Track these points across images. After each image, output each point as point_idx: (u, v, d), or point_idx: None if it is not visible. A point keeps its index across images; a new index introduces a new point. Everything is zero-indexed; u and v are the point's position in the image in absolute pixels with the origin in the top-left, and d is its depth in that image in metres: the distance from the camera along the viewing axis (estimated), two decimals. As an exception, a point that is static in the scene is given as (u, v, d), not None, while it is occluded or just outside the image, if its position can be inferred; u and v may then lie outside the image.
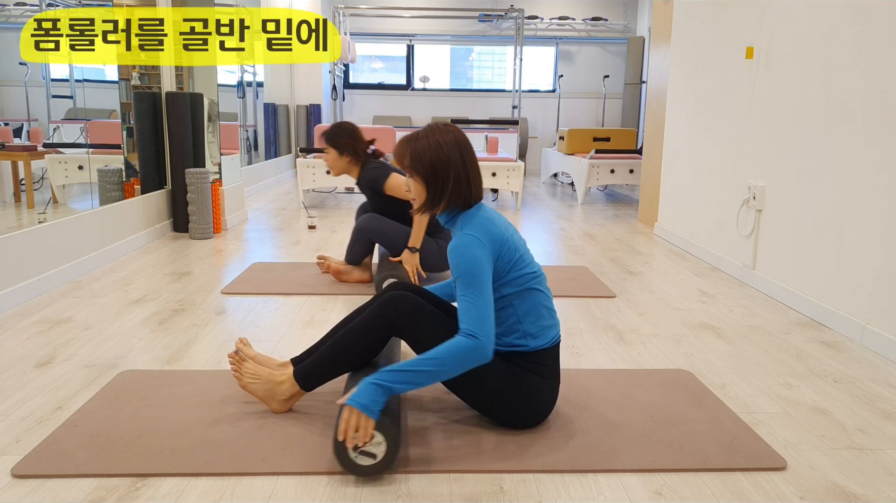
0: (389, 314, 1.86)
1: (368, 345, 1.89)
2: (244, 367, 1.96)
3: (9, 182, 3.52)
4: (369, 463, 1.64)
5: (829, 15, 3.04)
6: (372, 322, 1.87)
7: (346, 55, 8.38)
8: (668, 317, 3.06)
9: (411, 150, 1.84)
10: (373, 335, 1.88)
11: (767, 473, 1.73)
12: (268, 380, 1.95)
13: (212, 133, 4.79)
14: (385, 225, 3.39)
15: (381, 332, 1.87)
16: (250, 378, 1.95)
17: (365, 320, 1.88)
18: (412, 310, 1.85)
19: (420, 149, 1.83)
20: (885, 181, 2.66)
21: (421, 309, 1.85)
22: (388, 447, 1.63)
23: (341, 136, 3.35)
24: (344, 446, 1.62)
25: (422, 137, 1.85)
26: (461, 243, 1.77)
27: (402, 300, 1.86)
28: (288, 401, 1.95)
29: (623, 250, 4.52)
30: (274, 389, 1.94)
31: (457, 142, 1.84)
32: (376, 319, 1.87)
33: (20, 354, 2.42)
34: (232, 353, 2.00)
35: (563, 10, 9.56)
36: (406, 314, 1.84)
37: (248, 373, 1.95)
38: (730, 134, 3.97)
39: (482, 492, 1.62)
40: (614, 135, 7.29)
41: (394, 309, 1.86)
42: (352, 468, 1.64)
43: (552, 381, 1.91)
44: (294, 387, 1.93)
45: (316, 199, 6.65)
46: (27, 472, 1.65)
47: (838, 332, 2.88)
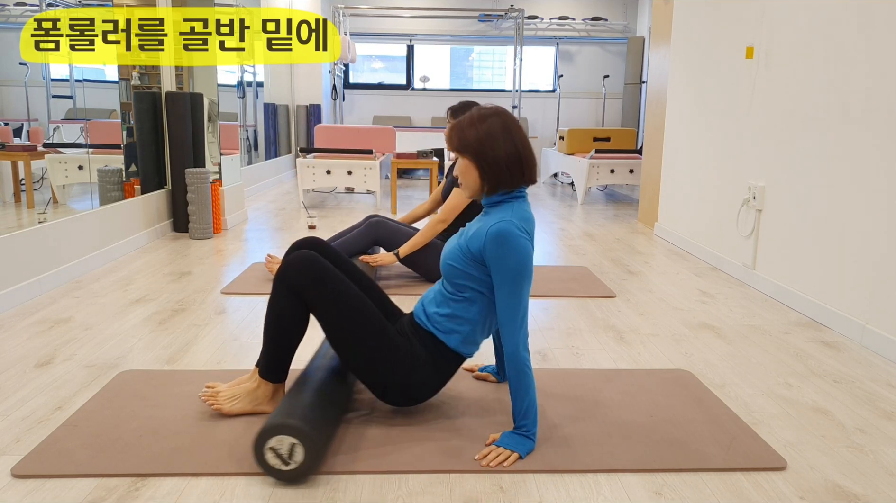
0: (289, 276, 1.85)
1: (288, 313, 1.86)
2: (220, 397, 1.95)
3: (9, 182, 3.52)
4: (281, 466, 1.61)
5: (829, 14, 3.04)
6: (276, 291, 1.88)
7: (346, 55, 8.38)
8: (668, 317, 3.06)
9: (458, 131, 1.81)
10: (282, 302, 1.86)
11: (767, 473, 1.73)
12: (245, 394, 1.95)
13: (212, 133, 4.79)
14: (398, 226, 3.43)
15: (288, 297, 1.85)
16: (230, 402, 1.94)
17: (271, 296, 1.90)
18: (311, 271, 1.83)
19: (465, 127, 1.79)
20: (885, 181, 2.66)
21: (323, 273, 1.83)
22: (305, 452, 1.60)
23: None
24: (262, 448, 1.60)
25: (467, 118, 1.81)
26: (511, 232, 1.73)
27: (301, 262, 1.85)
28: (273, 399, 1.96)
29: (623, 250, 4.52)
30: (254, 397, 1.95)
31: (504, 123, 1.80)
32: (278, 285, 1.87)
33: (20, 354, 2.42)
34: (202, 395, 1.96)
35: (563, 10, 9.56)
36: (306, 276, 1.83)
37: (226, 398, 1.94)
38: (730, 134, 3.97)
39: (482, 492, 1.62)
40: (614, 135, 7.29)
41: (295, 270, 1.84)
42: (266, 468, 1.62)
43: (438, 382, 1.92)
44: (268, 385, 1.94)
45: (316, 199, 6.65)
46: (27, 472, 1.65)
47: (838, 332, 2.88)
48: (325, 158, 6.05)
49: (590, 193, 7.52)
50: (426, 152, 6.10)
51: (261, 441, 1.61)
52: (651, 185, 5.41)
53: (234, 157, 5.36)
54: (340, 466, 1.70)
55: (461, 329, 1.87)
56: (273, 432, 1.60)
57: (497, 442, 1.78)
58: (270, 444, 1.60)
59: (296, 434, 1.59)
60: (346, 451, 1.77)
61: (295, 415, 1.64)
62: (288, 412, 1.65)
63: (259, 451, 1.61)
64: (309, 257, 1.85)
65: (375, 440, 1.84)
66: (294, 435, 1.59)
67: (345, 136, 6.60)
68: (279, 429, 1.60)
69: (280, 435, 1.59)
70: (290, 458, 1.60)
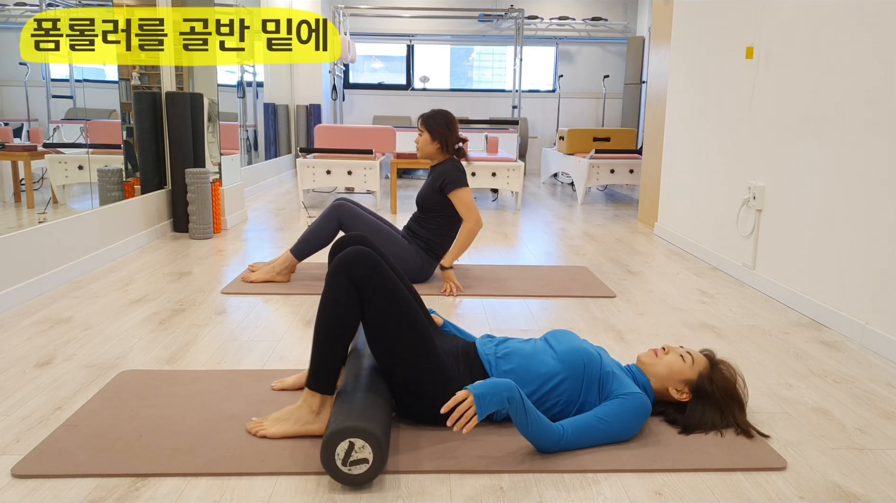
0: (349, 265, 1.81)
1: (345, 305, 1.81)
2: (266, 422, 1.87)
3: (9, 182, 3.52)
4: (360, 471, 1.61)
5: (829, 14, 3.04)
6: (333, 282, 1.83)
7: (346, 55, 8.38)
8: (667, 317, 3.06)
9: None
10: (339, 294, 1.82)
11: (767, 473, 1.73)
12: (290, 413, 1.86)
13: (212, 133, 4.79)
14: (358, 209, 3.50)
15: (346, 288, 1.81)
16: (275, 425, 1.86)
17: (326, 289, 1.84)
18: (369, 262, 1.82)
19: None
20: (885, 181, 2.66)
21: (382, 269, 1.84)
22: (374, 456, 1.60)
23: (438, 122, 3.43)
24: (334, 461, 1.60)
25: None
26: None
27: (358, 255, 1.83)
28: (319, 415, 1.85)
29: (623, 250, 4.52)
30: (299, 415, 1.85)
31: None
32: (335, 277, 1.83)
33: (20, 354, 2.42)
34: (250, 427, 1.88)
35: (563, 10, 9.56)
36: (364, 267, 1.81)
37: (272, 421, 1.86)
38: (730, 134, 3.97)
39: (482, 492, 1.62)
40: (614, 135, 7.29)
41: (355, 260, 1.82)
42: (342, 478, 1.61)
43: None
44: (314, 397, 1.84)
45: (316, 199, 6.65)
46: (27, 472, 1.65)
47: (838, 332, 2.88)
48: (325, 158, 6.05)
49: (590, 193, 7.52)
50: (426, 152, 6.09)
51: (335, 441, 1.60)
52: (651, 185, 5.41)
53: (234, 157, 5.36)
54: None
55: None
56: (351, 434, 1.60)
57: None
58: (349, 445, 1.60)
59: (372, 443, 1.60)
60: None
61: (376, 422, 1.65)
62: (370, 417, 1.66)
63: (332, 453, 1.60)
64: (366, 251, 1.85)
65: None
66: (371, 444, 1.60)
67: (345, 136, 6.60)
68: (359, 433, 1.60)
69: (358, 439, 1.60)
70: (356, 464, 1.60)
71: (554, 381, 1.88)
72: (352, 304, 1.81)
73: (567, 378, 1.88)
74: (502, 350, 1.97)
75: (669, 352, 1.98)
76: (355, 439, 1.59)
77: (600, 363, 1.91)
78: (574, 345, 1.95)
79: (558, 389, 1.88)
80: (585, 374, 1.88)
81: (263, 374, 2.27)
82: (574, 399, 1.88)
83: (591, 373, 1.89)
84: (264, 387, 2.16)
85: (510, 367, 1.91)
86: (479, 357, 1.96)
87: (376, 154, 6.16)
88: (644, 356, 2.01)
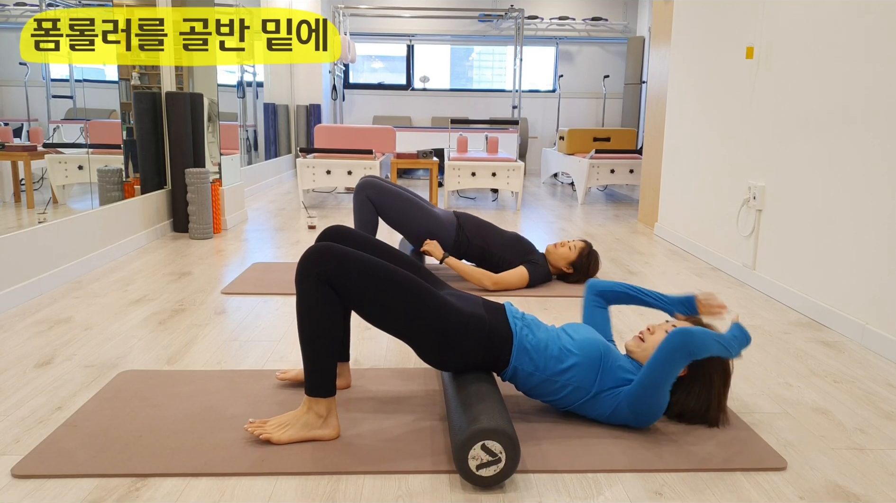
0: (310, 266, 1.77)
1: (320, 305, 1.76)
2: (269, 425, 1.84)
3: (9, 182, 3.52)
4: (492, 473, 1.62)
5: (829, 14, 3.04)
6: (301, 288, 1.78)
7: (346, 55, 8.38)
8: (667, 317, 3.05)
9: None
10: (311, 296, 1.77)
11: (767, 473, 1.73)
12: (296, 418, 1.84)
13: (212, 133, 4.79)
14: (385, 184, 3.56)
15: (316, 287, 1.76)
16: (280, 429, 1.83)
17: (298, 298, 1.80)
18: (330, 255, 1.77)
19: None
20: (885, 181, 2.66)
21: (343, 255, 1.78)
22: (506, 454, 1.61)
23: (592, 265, 3.55)
24: (467, 464, 1.60)
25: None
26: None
27: (316, 252, 1.78)
28: (327, 419, 1.83)
29: (623, 250, 4.52)
30: (306, 421, 1.82)
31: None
32: (302, 281, 1.78)
33: (20, 354, 2.42)
34: (248, 426, 1.84)
35: (563, 10, 9.56)
36: (326, 262, 1.76)
37: (275, 426, 1.84)
38: (730, 134, 3.97)
39: (482, 492, 1.62)
40: (614, 135, 7.29)
41: (314, 259, 1.77)
42: (475, 480, 1.62)
43: (475, 355, 1.91)
44: (318, 403, 1.81)
45: (316, 199, 6.65)
46: (27, 472, 1.64)
47: (838, 332, 2.88)
48: (325, 158, 6.05)
49: (590, 193, 7.52)
50: (426, 152, 6.10)
51: (473, 441, 1.61)
52: (651, 185, 5.41)
53: (234, 157, 5.36)
54: (339, 467, 1.70)
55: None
56: (487, 436, 1.60)
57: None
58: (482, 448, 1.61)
59: (506, 445, 1.61)
60: (345, 452, 1.77)
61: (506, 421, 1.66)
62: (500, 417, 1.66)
63: (465, 454, 1.61)
64: (322, 246, 1.80)
65: (375, 440, 1.84)
66: (505, 446, 1.61)
67: (345, 136, 6.60)
68: (495, 434, 1.60)
69: (492, 440, 1.60)
70: (492, 464, 1.62)
71: (567, 363, 1.88)
72: (327, 304, 1.76)
73: (581, 363, 1.88)
74: (527, 320, 1.98)
75: (655, 332, 1.97)
76: (490, 441, 1.60)
77: (617, 355, 1.94)
78: (593, 335, 1.97)
79: (570, 372, 1.88)
80: (602, 365, 1.89)
81: (263, 374, 2.27)
82: (586, 387, 1.88)
83: (608, 363, 1.89)
84: (264, 387, 2.17)
85: (531, 335, 1.92)
86: (506, 316, 1.96)
87: (376, 154, 6.16)
88: (631, 344, 1.99)
